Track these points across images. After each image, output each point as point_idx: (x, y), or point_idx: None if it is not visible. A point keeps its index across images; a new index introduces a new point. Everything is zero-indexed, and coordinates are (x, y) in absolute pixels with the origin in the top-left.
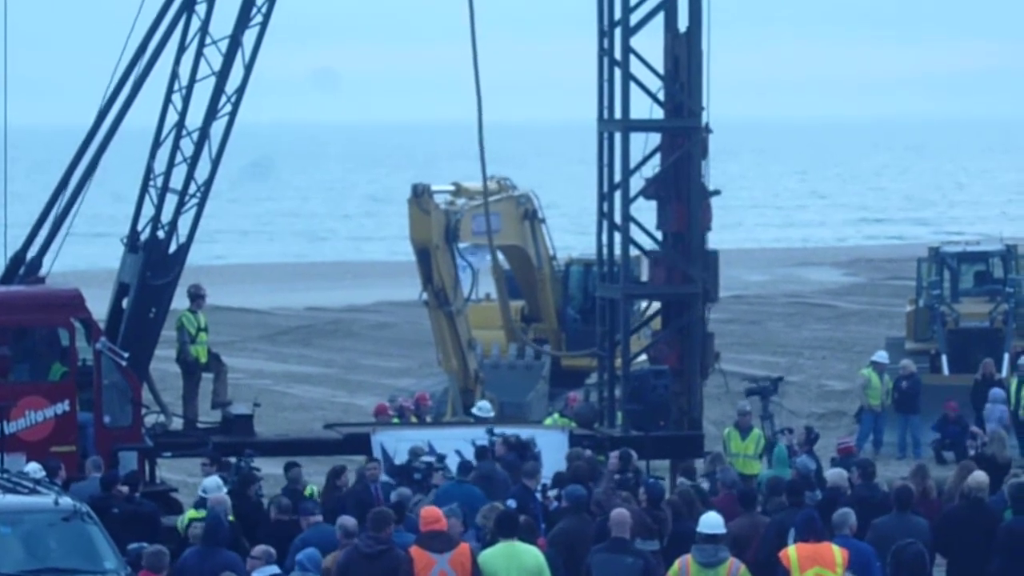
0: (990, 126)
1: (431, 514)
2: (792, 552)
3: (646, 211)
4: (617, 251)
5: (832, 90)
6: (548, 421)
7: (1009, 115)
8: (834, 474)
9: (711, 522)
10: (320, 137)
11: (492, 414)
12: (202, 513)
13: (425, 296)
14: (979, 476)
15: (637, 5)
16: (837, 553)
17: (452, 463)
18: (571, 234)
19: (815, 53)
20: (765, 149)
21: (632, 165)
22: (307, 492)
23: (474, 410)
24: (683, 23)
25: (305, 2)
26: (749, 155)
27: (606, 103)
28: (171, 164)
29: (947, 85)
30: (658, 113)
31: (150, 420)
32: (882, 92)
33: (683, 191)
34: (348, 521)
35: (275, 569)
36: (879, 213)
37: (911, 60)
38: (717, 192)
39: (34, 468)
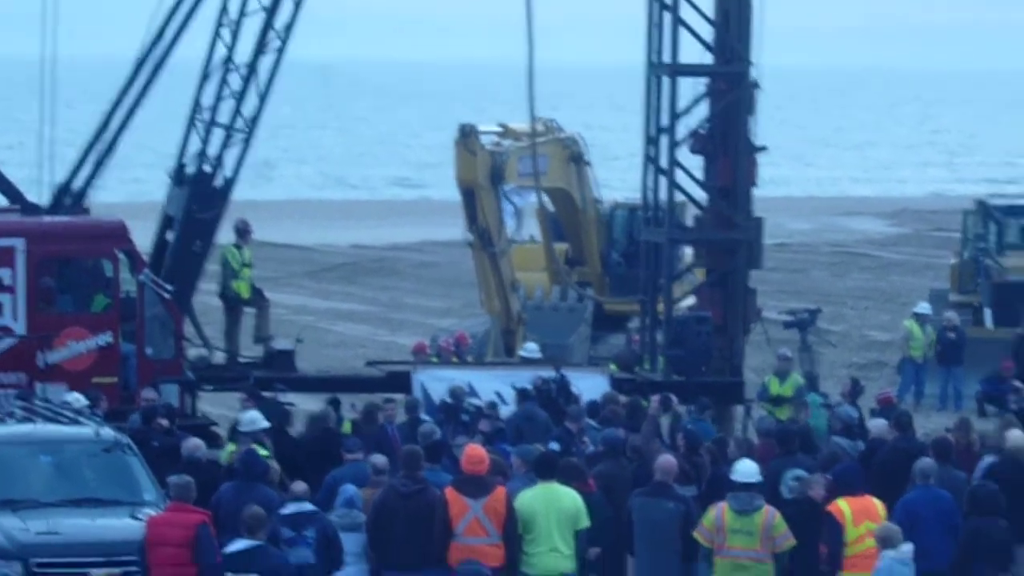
0: None
1: (475, 454)
2: (845, 507)
3: (692, 156)
4: (662, 196)
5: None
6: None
7: None
8: (876, 425)
9: (746, 470)
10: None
11: (539, 356)
12: (233, 447)
13: (469, 236)
14: (1018, 436)
15: None
16: (879, 506)
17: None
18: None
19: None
20: (816, 98)
21: (679, 110)
22: (345, 428)
23: (522, 352)
24: None
25: None
26: (797, 103)
27: (655, 47)
28: (218, 98)
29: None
30: (707, 60)
31: (192, 353)
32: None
33: (730, 146)
34: (379, 459)
35: (307, 505)
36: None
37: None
38: (764, 148)
39: (76, 398)
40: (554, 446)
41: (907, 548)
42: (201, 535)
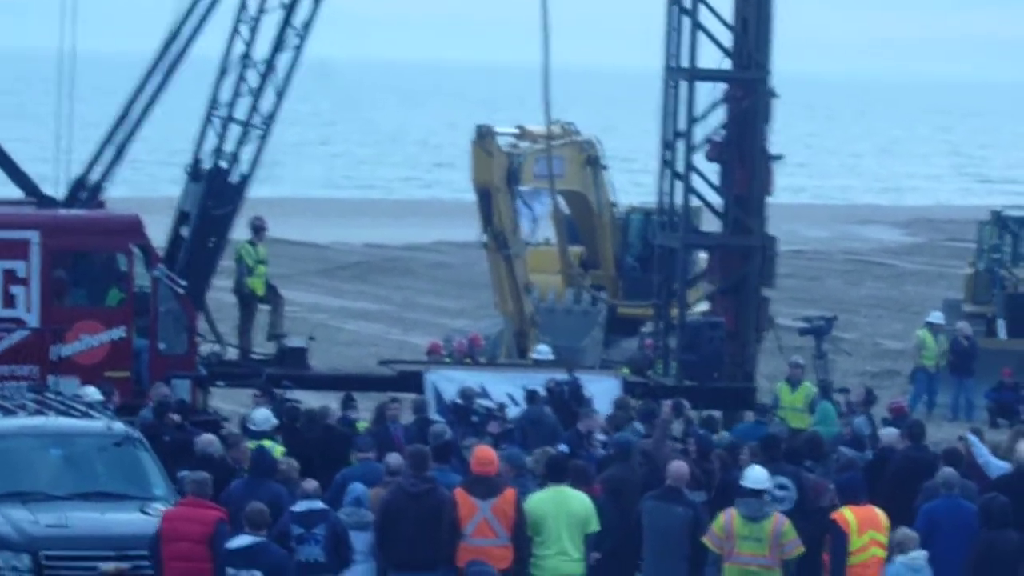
0: None
1: (485, 455)
2: (850, 515)
3: (708, 162)
4: (678, 200)
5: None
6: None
7: None
8: (887, 434)
9: (756, 477)
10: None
11: (552, 358)
12: (254, 444)
13: (484, 238)
14: None
15: None
16: (882, 516)
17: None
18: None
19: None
20: (834, 106)
21: (696, 115)
22: (360, 426)
23: (534, 354)
24: None
25: None
26: (818, 112)
27: (673, 51)
28: (235, 95)
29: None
30: (726, 65)
31: (205, 349)
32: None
33: (746, 154)
34: (394, 459)
35: (318, 503)
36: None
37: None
38: (780, 157)
39: (91, 392)
40: (564, 448)
41: (918, 554)
42: (220, 531)
